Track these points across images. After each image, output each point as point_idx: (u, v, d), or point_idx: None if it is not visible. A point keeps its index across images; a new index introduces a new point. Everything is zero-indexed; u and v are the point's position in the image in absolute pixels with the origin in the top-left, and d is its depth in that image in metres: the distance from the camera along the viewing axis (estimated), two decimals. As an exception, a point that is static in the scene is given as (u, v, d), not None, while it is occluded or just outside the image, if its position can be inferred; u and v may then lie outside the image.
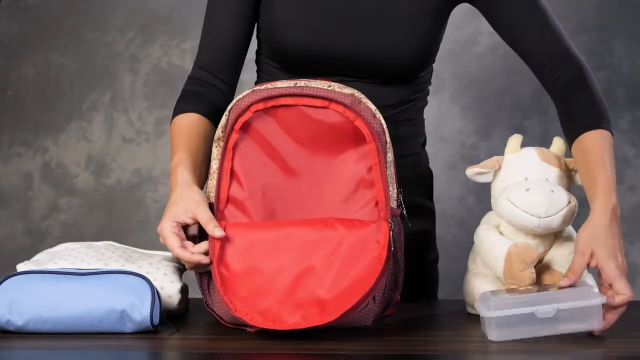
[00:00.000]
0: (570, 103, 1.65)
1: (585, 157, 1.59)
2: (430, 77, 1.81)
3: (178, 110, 1.68)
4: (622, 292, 1.48)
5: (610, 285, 1.48)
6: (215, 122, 1.65)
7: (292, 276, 1.43)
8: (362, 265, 1.42)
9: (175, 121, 1.66)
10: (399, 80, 1.71)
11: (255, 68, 1.82)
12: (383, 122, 1.52)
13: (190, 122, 1.65)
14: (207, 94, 1.69)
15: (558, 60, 1.68)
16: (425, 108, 1.85)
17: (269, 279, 1.43)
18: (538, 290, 1.48)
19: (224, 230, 1.47)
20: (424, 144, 1.86)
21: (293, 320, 1.39)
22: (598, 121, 1.61)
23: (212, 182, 1.54)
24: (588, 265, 1.50)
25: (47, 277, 1.48)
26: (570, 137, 1.62)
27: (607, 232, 1.53)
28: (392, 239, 1.45)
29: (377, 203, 1.50)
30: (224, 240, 1.46)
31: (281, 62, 1.73)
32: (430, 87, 1.83)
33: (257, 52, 1.80)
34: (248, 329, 1.47)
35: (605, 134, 1.60)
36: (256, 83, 1.81)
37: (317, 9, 1.69)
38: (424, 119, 1.84)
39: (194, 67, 1.73)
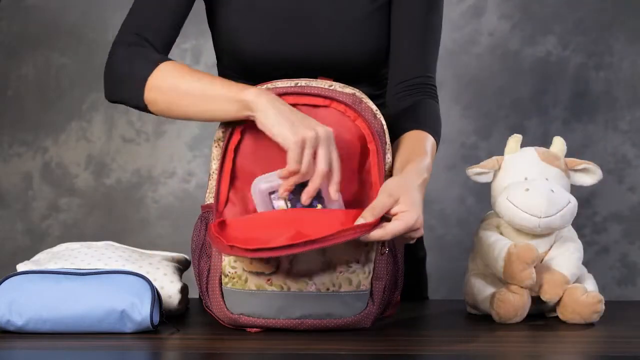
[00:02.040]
0: (399, 117, 1.64)
1: (405, 144, 1.57)
2: None
3: (159, 57, 1.59)
4: (386, 229, 1.39)
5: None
6: None
7: (286, 236, 1.41)
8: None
9: (176, 64, 1.59)
10: (360, 78, 1.70)
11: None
12: (384, 122, 1.52)
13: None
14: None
15: (413, 84, 1.67)
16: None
17: (265, 239, 1.41)
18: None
19: (226, 226, 1.46)
20: None
21: (283, 243, 1.37)
22: (422, 127, 1.60)
23: (211, 183, 1.54)
24: (388, 213, 1.42)
25: (47, 277, 1.48)
26: (394, 143, 1.59)
27: (416, 188, 1.46)
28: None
29: (375, 204, 1.50)
30: (222, 223, 1.46)
31: (240, 70, 1.72)
32: None
33: (218, 65, 1.80)
34: (248, 329, 1.47)
35: (428, 135, 1.59)
36: None
37: (270, 15, 1.68)
38: None
39: (129, 34, 1.63)
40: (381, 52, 1.70)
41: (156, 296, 1.47)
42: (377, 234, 1.40)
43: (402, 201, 1.42)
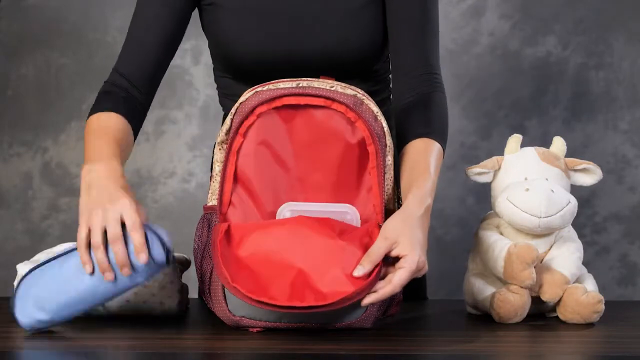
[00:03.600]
0: (406, 116, 1.64)
1: (409, 160, 1.57)
2: (388, 66, 1.80)
3: (98, 109, 1.64)
4: (394, 283, 1.41)
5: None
6: (133, 126, 1.64)
7: (292, 270, 1.41)
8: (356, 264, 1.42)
9: (99, 117, 1.62)
10: (354, 74, 1.70)
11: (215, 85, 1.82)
12: (384, 124, 1.52)
13: (114, 123, 1.62)
14: (126, 98, 1.66)
15: (417, 75, 1.66)
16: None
17: (270, 271, 1.41)
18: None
19: (229, 231, 1.46)
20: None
21: (288, 301, 1.38)
22: (428, 132, 1.59)
23: (214, 185, 1.54)
24: (389, 254, 1.43)
25: (51, 265, 1.47)
26: (400, 147, 1.60)
27: (416, 223, 1.47)
28: None
29: (374, 205, 1.50)
30: (227, 234, 1.46)
31: (235, 73, 1.72)
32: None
33: (214, 68, 1.80)
34: (250, 329, 1.47)
35: (435, 144, 1.59)
36: (219, 100, 1.81)
37: (261, 17, 1.67)
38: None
39: (113, 72, 1.69)
40: (374, 47, 1.70)
41: (154, 234, 1.45)
42: (386, 291, 1.41)
43: (400, 242, 1.43)
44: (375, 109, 1.52)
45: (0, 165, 2.82)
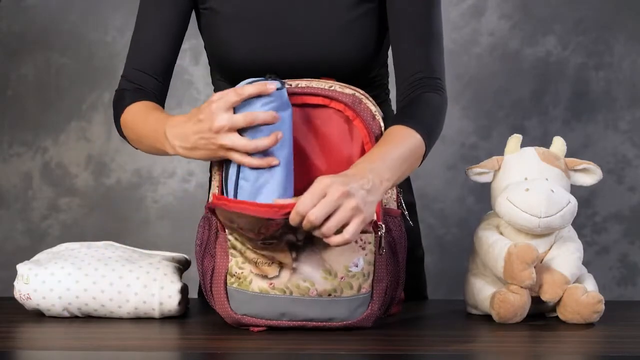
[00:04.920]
0: (398, 114, 1.61)
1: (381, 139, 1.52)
2: (385, 71, 1.79)
3: (128, 102, 1.67)
4: (296, 207, 1.36)
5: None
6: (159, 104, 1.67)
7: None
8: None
9: (132, 108, 1.65)
10: (350, 81, 1.67)
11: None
12: (382, 124, 1.52)
13: (152, 105, 1.65)
14: (147, 90, 1.69)
15: (416, 80, 1.62)
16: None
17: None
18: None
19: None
20: None
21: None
22: (411, 123, 1.54)
23: (214, 184, 1.54)
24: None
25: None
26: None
27: (347, 176, 1.40)
28: (381, 239, 1.46)
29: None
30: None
31: (231, 79, 1.72)
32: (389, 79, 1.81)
33: (210, 71, 1.80)
34: (251, 329, 1.47)
35: (413, 133, 1.52)
36: None
37: (256, 25, 1.67)
38: (392, 111, 1.83)
39: (127, 69, 1.71)
40: (370, 57, 1.68)
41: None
42: (311, 218, 1.36)
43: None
44: (373, 108, 1.52)
45: (0, 165, 2.82)
